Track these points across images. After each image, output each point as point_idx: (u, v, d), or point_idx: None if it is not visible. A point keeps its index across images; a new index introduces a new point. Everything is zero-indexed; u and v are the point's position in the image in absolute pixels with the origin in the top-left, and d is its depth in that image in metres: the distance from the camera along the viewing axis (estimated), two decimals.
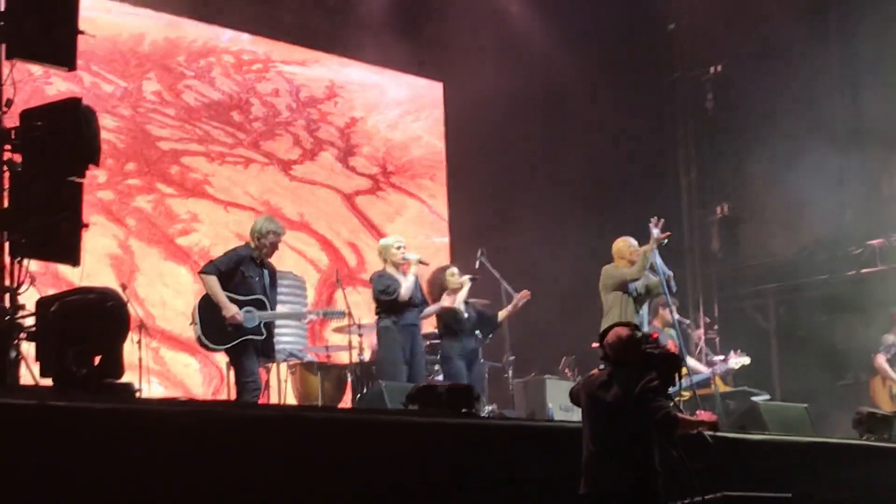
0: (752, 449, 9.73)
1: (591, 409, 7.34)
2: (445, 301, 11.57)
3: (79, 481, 6.26)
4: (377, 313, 11.33)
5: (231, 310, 10.01)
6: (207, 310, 10.17)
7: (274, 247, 10.44)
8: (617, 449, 7.12)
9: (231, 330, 10.04)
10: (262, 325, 10.12)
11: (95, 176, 12.66)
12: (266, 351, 10.35)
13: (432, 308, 11.57)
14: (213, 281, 10.13)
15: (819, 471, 9.90)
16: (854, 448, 10.64)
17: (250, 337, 10.08)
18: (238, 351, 10.14)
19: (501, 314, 11.98)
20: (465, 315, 11.60)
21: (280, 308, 10.85)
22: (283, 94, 15.38)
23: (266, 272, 10.42)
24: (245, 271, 10.24)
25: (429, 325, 12.42)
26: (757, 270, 17.32)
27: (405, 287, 11.11)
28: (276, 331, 12.08)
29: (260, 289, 10.27)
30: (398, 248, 11.37)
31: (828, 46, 16.64)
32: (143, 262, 13.48)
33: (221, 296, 10.07)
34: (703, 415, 7.81)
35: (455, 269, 11.86)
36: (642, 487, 7.09)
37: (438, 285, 11.65)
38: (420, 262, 11.44)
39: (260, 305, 10.18)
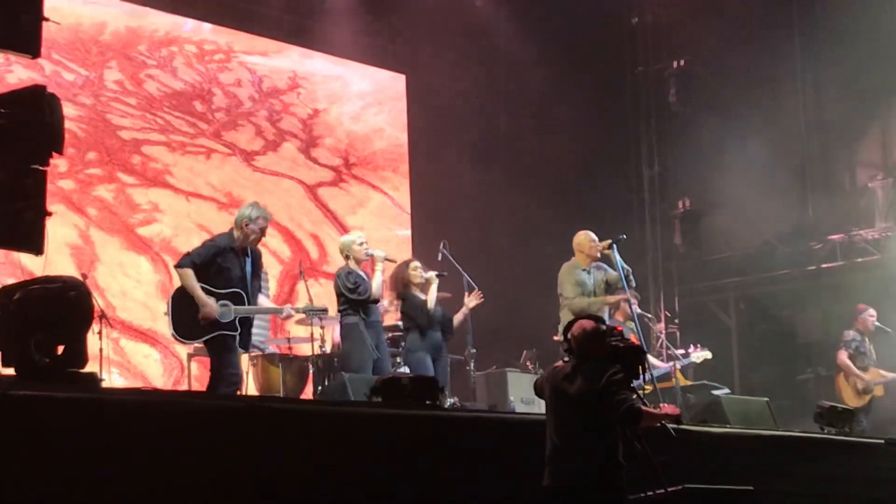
0: (714, 442, 9.77)
1: (554, 402, 7.34)
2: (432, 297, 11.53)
3: (42, 471, 6.21)
4: (341, 310, 11.22)
5: (207, 306, 9.70)
6: (180, 303, 9.85)
7: (262, 232, 10.10)
8: (581, 441, 7.13)
9: (204, 324, 9.75)
10: (237, 320, 9.79)
11: (56, 165, 12.54)
12: (242, 342, 10.02)
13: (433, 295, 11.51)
14: (188, 274, 9.79)
15: (780, 464, 9.94)
16: (815, 441, 10.70)
17: (224, 332, 9.76)
18: (216, 344, 9.84)
19: (456, 318, 11.87)
20: (433, 309, 11.56)
21: (261, 299, 10.48)
22: (246, 85, 15.32)
23: (249, 260, 10.07)
24: (223, 262, 9.89)
25: (390, 319, 12.41)
26: (718, 265, 17.40)
27: (375, 286, 11.07)
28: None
29: (238, 280, 9.90)
30: (360, 244, 11.28)
31: (791, 40, 16.73)
32: (104, 251, 13.39)
33: (197, 290, 9.72)
34: (667, 408, 7.80)
35: (418, 263, 11.81)
36: (606, 480, 7.10)
37: (402, 279, 11.60)
38: (387, 259, 11.35)
39: (237, 299, 9.83)
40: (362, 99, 16.57)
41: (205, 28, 15.02)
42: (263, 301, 10.40)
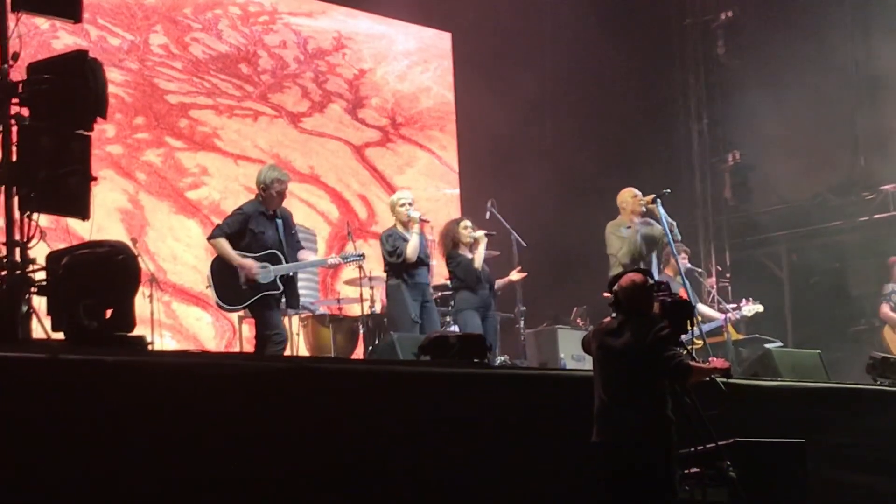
0: (765, 395, 9.71)
1: (602, 358, 7.32)
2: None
3: (92, 434, 6.27)
4: (386, 270, 11.31)
5: (246, 267, 9.86)
6: (220, 271, 10.05)
7: (281, 195, 10.26)
8: (628, 396, 7.11)
9: (247, 288, 9.91)
10: (277, 279, 9.96)
11: (104, 130, 12.63)
12: (290, 302, 10.22)
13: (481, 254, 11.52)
14: (223, 243, 9.98)
15: (832, 416, 9.88)
16: (867, 393, 10.60)
17: (268, 293, 9.95)
18: (259, 306, 10.01)
19: (498, 283, 11.94)
20: (482, 268, 11.55)
21: (301, 255, 10.54)
22: (291, 47, 15.30)
23: (279, 222, 10.23)
24: (255, 228, 10.07)
25: (440, 278, 12.41)
26: (769, 217, 17.25)
27: (411, 248, 11.02)
28: None
29: (273, 242, 10.10)
30: (402, 205, 11.27)
31: None
32: (154, 216, 13.45)
33: (234, 256, 9.92)
34: (716, 362, 7.76)
35: (468, 223, 11.78)
36: (655, 434, 7.08)
37: (451, 238, 11.58)
38: (421, 219, 11.33)
39: (274, 260, 10.02)
40: (408, 58, 16.51)
41: None
42: (304, 256, 10.46)
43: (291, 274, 10.19)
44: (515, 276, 12.08)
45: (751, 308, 13.23)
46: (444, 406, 7.92)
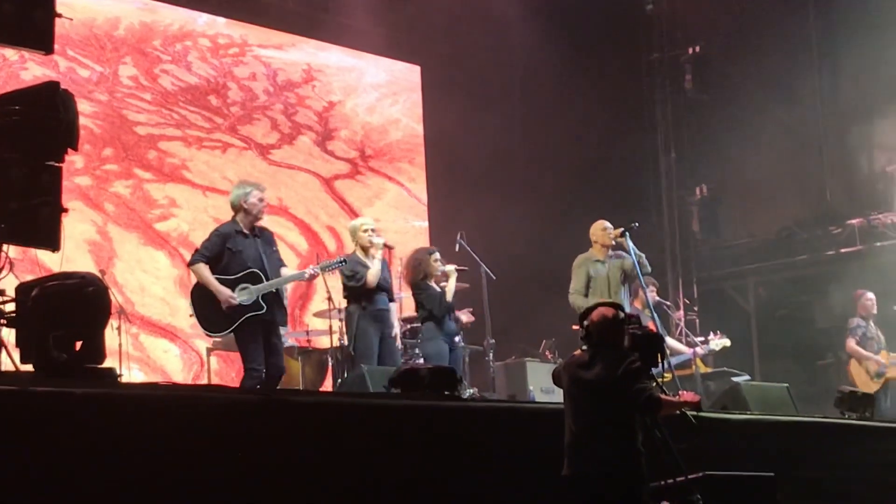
0: (734, 429, 9.74)
1: (573, 390, 7.32)
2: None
3: (62, 466, 6.22)
4: (345, 296, 11.18)
5: (223, 294, 9.74)
6: (200, 298, 9.92)
7: (262, 201, 10.14)
8: (599, 429, 7.11)
9: (230, 312, 9.79)
10: (260, 298, 9.81)
11: (73, 161, 12.59)
12: (281, 319, 10.13)
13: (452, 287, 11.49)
14: (202, 269, 9.85)
15: (801, 450, 9.92)
16: (836, 427, 10.66)
17: (252, 314, 9.81)
18: (242, 334, 9.87)
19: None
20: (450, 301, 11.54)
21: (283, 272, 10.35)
22: (261, 78, 15.32)
23: (258, 240, 10.09)
24: (233, 247, 9.93)
25: (408, 309, 12.40)
26: (737, 251, 17.36)
27: (372, 273, 10.90)
28: None
29: (253, 260, 9.93)
30: (365, 230, 11.15)
31: (806, 23, 16.67)
32: (122, 247, 13.41)
33: (213, 282, 9.78)
34: (686, 395, 7.78)
35: (438, 255, 11.76)
36: (625, 467, 7.08)
37: (422, 268, 11.52)
38: (385, 246, 11.29)
39: (254, 279, 9.86)
40: (377, 90, 16.55)
41: (219, 22, 15.02)
42: (285, 273, 10.30)
43: (275, 290, 10.02)
44: (464, 317, 12.03)
45: (718, 342, 13.27)
46: (414, 438, 7.90)
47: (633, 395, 7.07)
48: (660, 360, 7.51)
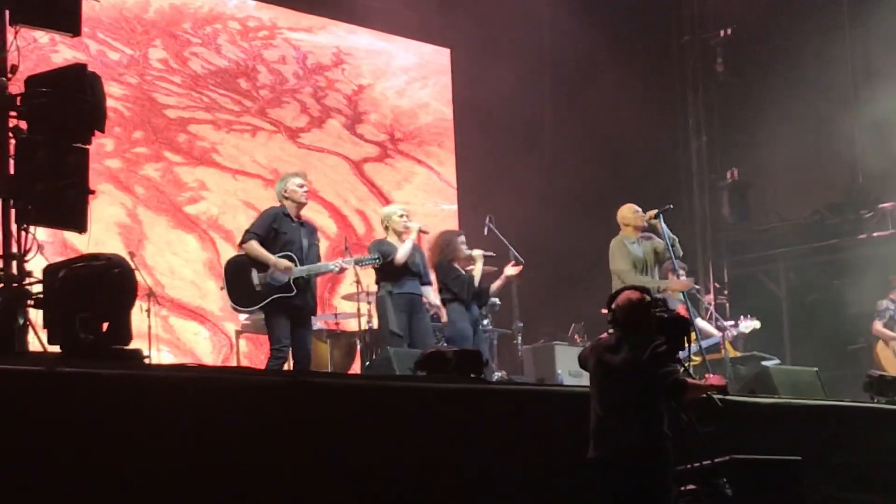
0: (761, 412, 9.70)
1: (599, 374, 7.31)
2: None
3: (88, 447, 6.26)
4: (376, 282, 11.20)
5: (281, 264, 9.90)
6: (234, 273, 10.11)
7: (304, 194, 10.30)
8: (625, 413, 7.10)
9: (260, 290, 9.92)
10: (291, 281, 9.92)
11: (103, 144, 12.64)
12: (311, 309, 10.26)
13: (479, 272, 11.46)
14: (254, 245, 10.02)
15: (830, 434, 9.88)
16: (865, 411, 10.61)
17: (280, 295, 9.91)
18: (269, 314, 10.02)
19: (494, 286, 11.75)
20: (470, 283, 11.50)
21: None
22: (290, 62, 15.32)
23: (304, 230, 10.28)
24: (278, 227, 10.11)
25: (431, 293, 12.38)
26: (767, 235, 17.27)
27: (402, 252, 10.91)
28: None
29: (293, 244, 10.09)
30: (401, 215, 11.21)
31: (838, 6, 16.54)
32: (152, 230, 13.46)
33: (267, 255, 9.95)
34: (713, 379, 7.77)
35: (464, 238, 11.73)
36: (651, 450, 7.06)
37: (451, 251, 11.44)
38: (421, 230, 11.29)
39: (290, 262, 9.99)
40: (407, 74, 16.54)
41: (248, 4, 15.03)
42: (319, 265, 10.41)
43: (307, 277, 10.10)
44: (511, 270, 11.85)
45: (748, 325, 13.23)
46: (441, 421, 7.90)
47: (658, 379, 7.05)
48: (687, 343, 7.48)
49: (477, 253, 11.53)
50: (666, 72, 17.79)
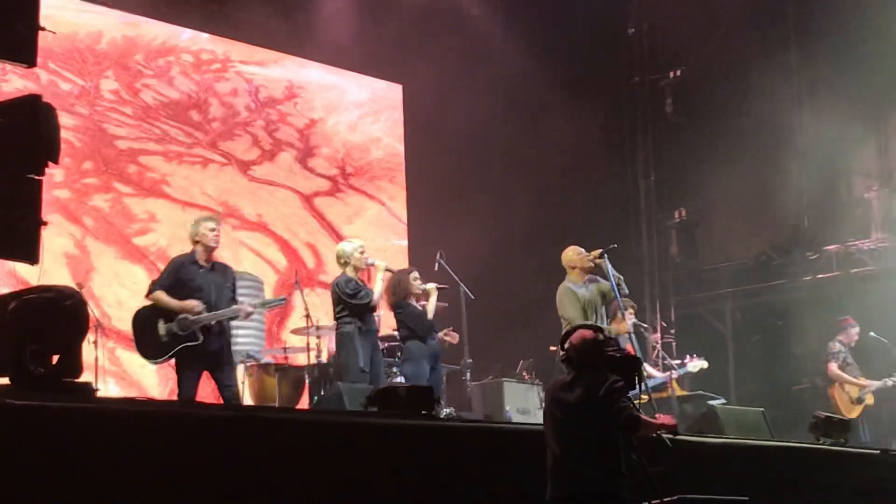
0: (709, 452, 9.75)
1: (555, 412, 7.33)
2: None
3: (36, 480, 6.20)
4: (338, 317, 11.16)
5: (188, 306, 9.76)
6: (141, 325, 9.96)
7: (213, 231, 10.12)
8: (582, 450, 7.11)
9: (167, 340, 9.79)
10: (197, 330, 9.76)
11: (52, 174, 12.49)
12: (226, 352, 10.07)
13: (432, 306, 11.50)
14: (160, 295, 9.91)
15: (776, 474, 9.94)
16: (811, 452, 10.68)
17: (187, 344, 9.75)
18: (178, 365, 9.88)
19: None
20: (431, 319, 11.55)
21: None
22: (242, 94, 15.34)
23: (214, 273, 10.12)
24: (185, 277, 9.98)
25: (387, 328, 12.40)
26: (714, 275, 17.43)
27: (377, 293, 11.05)
28: (234, 332, 12.02)
29: (203, 291, 9.94)
30: (361, 252, 11.24)
31: (787, 50, 16.75)
32: (100, 261, 13.39)
33: (173, 303, 9.82)
34: (663, 418, 7.79)
35: (417, 274, 11.77)
36: (608, 489, 7.08)
37: (402, 289, 11.52)
38: (388, 269, 11.32)
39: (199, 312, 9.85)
40: (359, 108, 16.58)
41: (202, 37, 15.04)
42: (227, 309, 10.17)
43: (220, 324, 9.96)
44: (448, 338, 12.03)
45: (696, 364, 13.32)
46: (391, 457, 7.89)
47: (614, 413, 7.07)
48: (638, 382, 7.52)
49: (430, 286, 11.57)
50: (616, 112, 17.94)
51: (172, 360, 9.93)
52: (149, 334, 9.89)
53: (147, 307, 10.06)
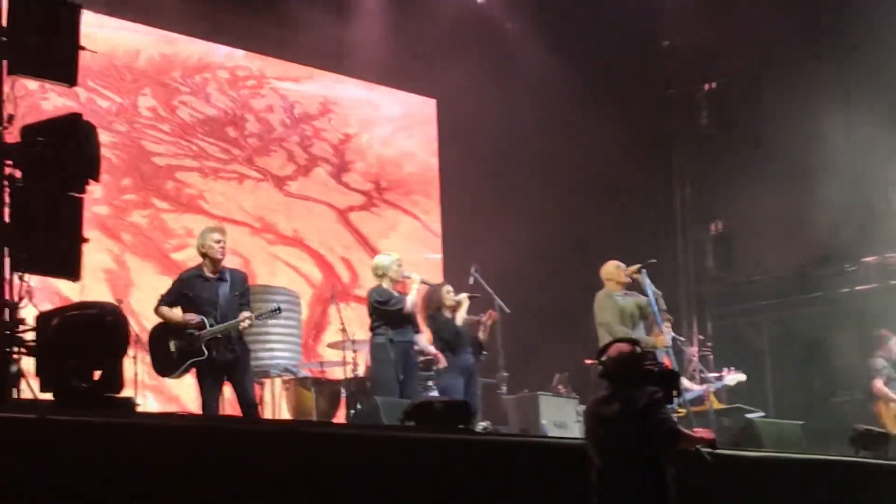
0: (748, 466, 9.72)
1: (596, 428, 7.32)
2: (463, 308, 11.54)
3: (79, 495, 6.25)
4: (373, 328, 11.21)
5: (186, 318, 9.90)
6: (155, 341, 10.10)
7: (219, 243, 10.13)
8: (625, 465, 7.08)
9: (176, 357, 9.89)
10: (203, 345, 9.82)
11: (92, 191, 12.53)
12: (238, 362, 10.04)
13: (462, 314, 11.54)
14: (164, 310, 10.07)
15: (814, 488, 9.90)
16: (850, 465, 10.64)
17: (194, 360, 9.85)
18: (198, 377, 9.98)
19: (481, 336, 11.83)
20: (463, 330, 11.58)
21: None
22: (278, 111, 15.42)
23: (223, 283, 10.13)
24: (189, 292, 10.06)
25: (424, 341, 12.42)
26: (751, 288, 17.35)
27: (410, 300, 11.07)
28: (271, 346, 12.11)
29: (208, 304, 10.00)
30: (399, 265, 11.29)
31: (822, 61, 16.68)
32: (139, 276, 13.48)
33: (175, 316, 9.97)
34: (702, 432, 7.78)
35: (450, 287, 11.83)
36: (656, 500, 7.06)
37: (435, 301, 11.59)
38: (423, 282, 11.37)
39: (201, 327, 9.93)
40: (393, 123, 16.64)
41: (237, 54, 15.13)
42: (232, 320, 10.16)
43: (220, 336, 9.93)
44: (489, 320, 11.91)
45: (734, 377, 13.29)
46: (427, 472, 7.91)
47: (654, 426, 7.06)
48: (674, 396, 7.52)
49: (462, 296, 11.63)
50: (651, 124, 17.88)
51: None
52: (161, 351, 10.02)
53: (160, 324, 10.17)
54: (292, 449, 7.40)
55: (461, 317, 11.58)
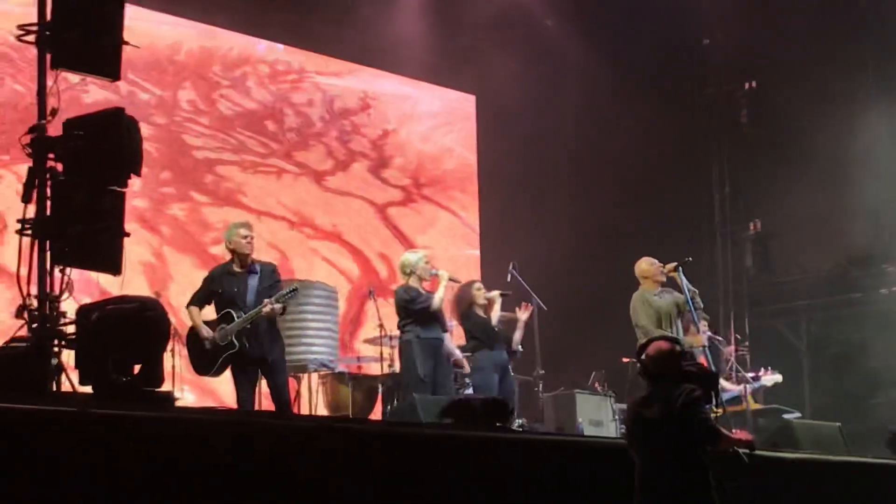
0: (785, 468, 9.67)
1: (637, 429, 7.30)
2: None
3: (119, 489, 6.28)
4: (401, 326, 11.21)
5: (201, 333, 10.01)
6: (191, 340, 10.19)
7: (246, 238, 10.20)
8: (667, 464, 7.06)
9: (211, 354, 9.96)
10: (233, 338, 9.88)
11: (131, 184, 12.67)
12: (269, 355, 10.06)
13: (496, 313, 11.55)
14: (192, 312, 10.16)
15: (852, 490, 9.84)
16: (888, 467, 10.57)
17: (227, 354, 9.91)
18: (232, 372, 10.06)
19: (515, 338, 11.83)
20: (497, 327, 11.58)
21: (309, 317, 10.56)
22: (317, 105, 15.44)
23: (253, 276, 10.17)
24: (217, 288, 10.13)
25: (458, 338, 12.42)
26: (789, 287, 17.27)
27: (437, 297, 11.03)
28: (308, 341, 12.11)
29: (236, 298, 10.03)
30: (426, 262, 11.27)
31: (863, 59, 16.57)
32: (177, 270, 13.53)
33: (197, 324, 10.07)
34: (741, 433, 7.75)
35: (481, 284, 11.83)
36: (698, 501, 7.03)
37: (467, 300, 11.58)
38: (451, 279, 11.35)
39: (228, 319, 9.98)
40: (432, 119, 16.64)
41: (277, 48, 15.17)
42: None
43: (249, 326, 9.95)
44: (522, 314, 11.93)
45: (771, 378, 13.23)
46: (466, 470, 7.91)
47: (695, 425, 7.03)
48: (713, 397, 7.48)
49: (494, 294, 11.62)
50: (690, 122, 17.83)
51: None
52: (198, 350, 10.10)
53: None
54: (331, 444, 7.40)
55: (496, 315, 11.57)
